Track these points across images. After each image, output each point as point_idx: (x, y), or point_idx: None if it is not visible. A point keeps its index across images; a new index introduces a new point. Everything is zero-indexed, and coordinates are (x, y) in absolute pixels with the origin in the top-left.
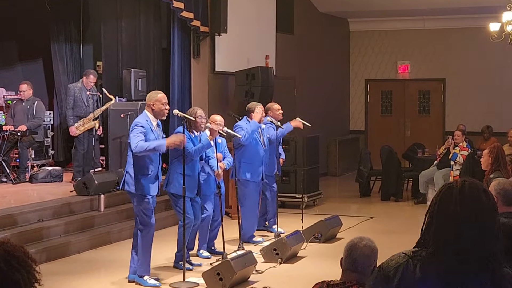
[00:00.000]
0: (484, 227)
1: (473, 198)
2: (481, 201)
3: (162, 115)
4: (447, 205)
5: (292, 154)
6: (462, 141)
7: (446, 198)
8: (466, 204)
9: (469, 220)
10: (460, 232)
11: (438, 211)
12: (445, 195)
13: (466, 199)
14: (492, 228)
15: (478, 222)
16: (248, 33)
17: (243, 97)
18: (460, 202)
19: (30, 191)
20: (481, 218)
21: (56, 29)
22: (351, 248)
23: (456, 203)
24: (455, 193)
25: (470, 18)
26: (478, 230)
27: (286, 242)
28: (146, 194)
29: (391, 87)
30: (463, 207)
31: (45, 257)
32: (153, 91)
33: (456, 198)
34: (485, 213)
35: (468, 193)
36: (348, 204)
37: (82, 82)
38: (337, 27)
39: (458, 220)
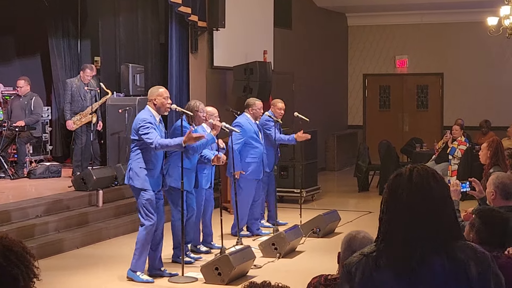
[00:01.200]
0: (433, 209)
1: (421, 182)
2: (429, 185)
3: (165, 109)
4: (396, 193)
5: (291, 149)
6: (460, 135)
7: (396, 186)
8: (414, 189)
9: (418, 203)
10: (410, 216)
11: (388, 200)
12: (394, 183)
13: (414, 184)
14: (443, 213)
15: (426, 205)
16: (246, 28)
17: (241, 92)
18: (408, 187)
19: (28, 187)
20: (429, 200)
21: (54, 24)
22: (350, 240)
23: (404, 189)
24: (404, 180)
25: (468, 13)
26: (427, 212)
27: (285, 237)
28: (149, 188)
29: (389, 81)
30: (412, 192)
31: (43, 253)
32: (155, 86)
33: (404, 184)
34: (433, 195)
35: (416, 178)
36: (347, 199)
37: (80, 76)
38: (335, 22)
39: (408, 208)
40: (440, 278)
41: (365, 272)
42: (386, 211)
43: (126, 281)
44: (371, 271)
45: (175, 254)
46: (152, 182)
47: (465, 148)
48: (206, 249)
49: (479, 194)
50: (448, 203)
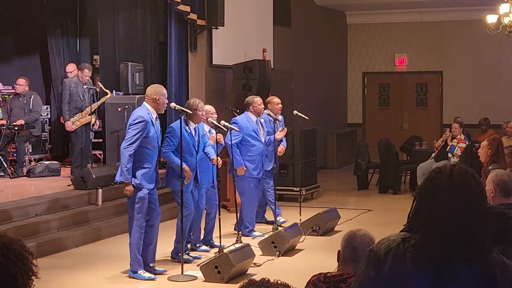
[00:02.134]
0: (473, 213)
1: (462, 183)
2: (470, 187)
3: (163, 109)
4: (435, 191)
5: (290, 147)
6: (459, 133)
7: (435, 184)
8: (455, 190)
9: (458, 206)
10: (450, 218)
11: (426, 196)
12: (434, 181)
13: (455, 184)
14: (481, 213)
15: (467, 208)
16: (245, 26)
17: (241, 90)
18: (449, 187)
19: (27, 186)
20: (470, 203)
21: (53, 23)
22: (350, 238)
23: (445, 189)
24: (444, 179)
25: (467, 11)
26: (467, 216)
27: (284, 235)
28: (144, 187)
29: (388, 80)
30: (452, 192)
31: (42, 251)
32: (157, 85)
33: (445, 183)
34: (474, 199)
35: (457, 179)
36: (346, 197)
37: (78, 76)
38: (334, 20)
39: (447, 206)
40: (474, 278)
41: (396, 264)
42: (424, 207)
43: (126, 279)
44: (404, 263)
45: (175, 249)
46: (146, 180)
47: (465, 146)
48: (205, 247)
49: None
50: (484, 202)
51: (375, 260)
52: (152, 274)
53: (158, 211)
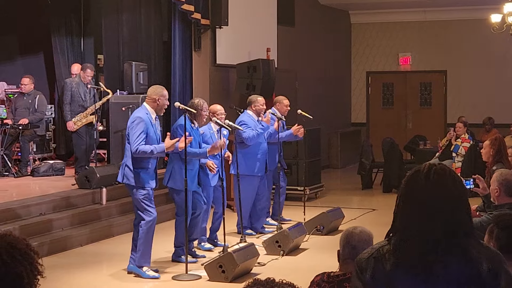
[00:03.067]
0: (450, 212)
1: (439, 184)
2: (447, 186)
3: (163, 111)
4: (412, 190)
5: (294, 146)
6: (464, 133)
7: (413, 183)
8: (432, 190)
9: (435, 205)
10: (426, 217)
11: (404, 196)
12: (411, 180)
13: (432, 185)
14: (459, 213)
15: (444, 208)
16: (249, 25)
17: (245, 89)
18: (425, 187)
19: (32, 185)
20: (447, 205)
21: (57, 22)
22: (348, 237)
23: (422, 188)
24: (421, 178)
25: (471, 10)
26: (444, 214)
27: (289, 234)
28: (146, 186)
29: (392, 79)
30: (428, 191)
31: (47, 250)
32: (157, 86)
33: (422, 183)
34: (451, 200)
35: (434, 178)
36: (350, 197)
37: (79, 76)
38: (338, 19)
39: (424, 206)
40: (454, 276)
41: (377, 268)
42: (402, 207)
43: (130, 278)
44: (384, 266)
45: (176, 252)
46: (148, 179)
47: (469, 145)
48: (210, 246)
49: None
50: (464, 201)
51: (359, 269)
52: (156, 273)
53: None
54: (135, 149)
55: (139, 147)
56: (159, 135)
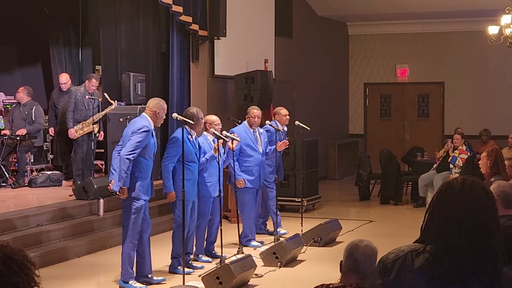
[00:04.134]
0: (484, 227)
1: (473, 197)
2: (481, 200)
3: (160, 123)
4: (447, 204)
5: (292, 157)
6: (461, 144)
7: (447, 197)
8: (466, 203)
9: (470, 219)
10: (461, 232)
11: (438, 210)
12: (445, 194)
13: (466, 198)
14: (492, 227)
15: (479, 222)
16: (247, 37)
17: (242, 101)
18: (460, 201)
19: (29, 196)
20: (482, 217)
21: (55, 33)
22: (352, 249)
23: (456, 202)
24: (456, 192)
25: (469, 22)
26: (478, 229)
27: (286, 246)
28: (141, 198)
29: (390, 90)
30: (464, 206)
31: (44, 261)
32: (159, 99)
33: (456, 197)
34: (485, 213)
35: (469, 192)
36: (348, 208)
37: (85, 86)
38: (336, 30)
39: (458, 219)
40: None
41: (403, 271)
42: (436, 220)
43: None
44: (411, 273)
45: (173, 264)
46: (143, 191)
47: (466, 157)
48: (207, 258)
49: None
50: (497, 219)
51: (382, 268)
52: (143, 284)
53: (148, 222)
54: (125, 156)
55: (128, 157)
56: (156, 146)
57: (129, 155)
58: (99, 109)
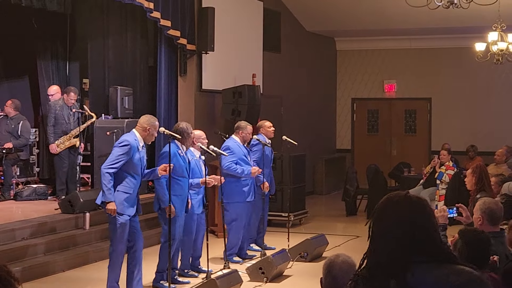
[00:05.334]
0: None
1: (409, 210)
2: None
3: (151, 140)
4: (382, 219)
5: (279, 172)
6: (448, 160)
7: (383, 212)
8: (400, 213)
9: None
10: (378, 246)
11: (375, 224)
12: (382, 209)
13: (400, 208)
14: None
15: (415, 233)
16: (235, 51)
17: (230, 115)
18: (394, 211)
19: (14, 209)
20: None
21: (43, 46)
22: (329, 266)
23: (391, 212)
24: (392, 207)
25: (456, 38)
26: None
27: (272, 261)
28: (125, 213)
29: (377, 106)
30: (397, 216)
31: (29, 276)
32: (151, 116)
33: (392, 208)
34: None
35: (404, 206)
36: (334, 223)
37: (63, 99)
38: (324, 46)
39: (394, 232)
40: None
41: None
42: (374, 235)
43: None
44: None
45: (156, 278)
46: (127, 206)
47: (453, 173)
48: (193, 273)
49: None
50: (430, 224)
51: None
52: None
53: (141, 238)
54: (105, 170)
55: (107, 172)
56: (144, 163)
57: (108, 169)
58: (79, 122)
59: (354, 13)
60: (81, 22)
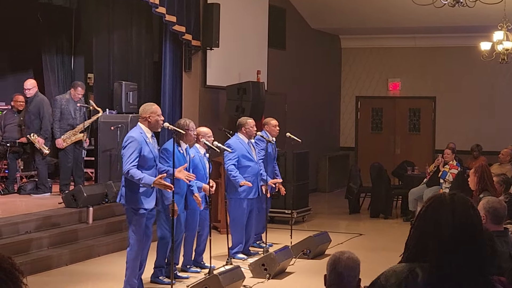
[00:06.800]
0: (477, 246)
1: (465, 216)
2: (472, 219)
3: (158, 126)
4: (440, 223)
5: (282, 169)
6: (452, 159)
7: (438, 215)
8: (459, 223)
9: (461, 234)
10: (454, 247)
11: (430, 228)
12: (437, 212)
13: (459, 217)
14: (481, 242)
15: (471, 242)
16: (240, 47)
17: (234, 111)
18: (453, 220)
19: (18, 202)
20: (474, 237)
21: (48, 40)
22: (335, 262)
23: (449, 222)
24: (447, 210)
25: (461, 37)
26: (469, 244)
27: (275, 258)
28: (140, 207)
29: (381, 104)
30: (457, 226)
31: (32, 269)
32: (147, 104)
33: (449, 216)
34: (477, 232)
35: (460, 211)
36: (337, 221)
37: (70, 93)
38: (328, 43)
39: (454, 240)
40: None
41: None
42: (428, 238)
43: None
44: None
45: (155, 273)
46: (144, 200)
47: (457, 172)
48: (196, 268)
49: None
50: (484, 234)
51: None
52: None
53: (149, 234)
54: (126, 171)
55: (130, 170)
56: (156, 154)
57: (129, 167)
58: (85, 117)
59: (359, 11)
60: (87, 16)
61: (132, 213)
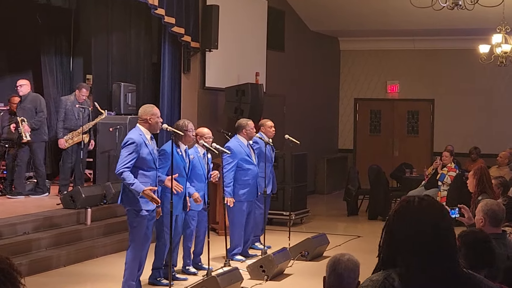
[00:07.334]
0: (442, 243)
1: (431, 215)
2: (439, 218)
3: (158, 128)
4: (408, 225)
5: (281, 171)
6: (450, 162)
7: (406, 217)
8: (428, 223)
9: (429, 237)
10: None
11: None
12: (404, 214)
13: (427, 218)
14: (450, 243)
15: (439, 239)
16: (238, 49)
17: (233, 113)
18: (420, 221)
19: (16, 203)
20: (442, 235)
21: (47, 41)
22: (335, 264)
23: (417, 223)
24: (415, 212)
25: (460, 40)
26: (438, 246)
27: (273, 259)
28: (141, 208)
29: (380, 106)
30: (426, 226)
31: (30, 270)
32: (147, 105)
33: (416, 217)
34: (446, 230)
35: (427, 210)
36: (335, 223)
37: (75, 95)
38: (327, 45)
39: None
40: None
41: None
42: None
43: None
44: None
45: (153, 275)
46: (146, 203)
47: (455, 174)
48: (194, 270)
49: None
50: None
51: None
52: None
53: (149, 236)
54: (119, 171)
55: (124, 172)
56: (156, 155)
57: (122, 169)
58: (89, 119)
59: (358, 13)
60: (85, 17)
61: (134, 215)
